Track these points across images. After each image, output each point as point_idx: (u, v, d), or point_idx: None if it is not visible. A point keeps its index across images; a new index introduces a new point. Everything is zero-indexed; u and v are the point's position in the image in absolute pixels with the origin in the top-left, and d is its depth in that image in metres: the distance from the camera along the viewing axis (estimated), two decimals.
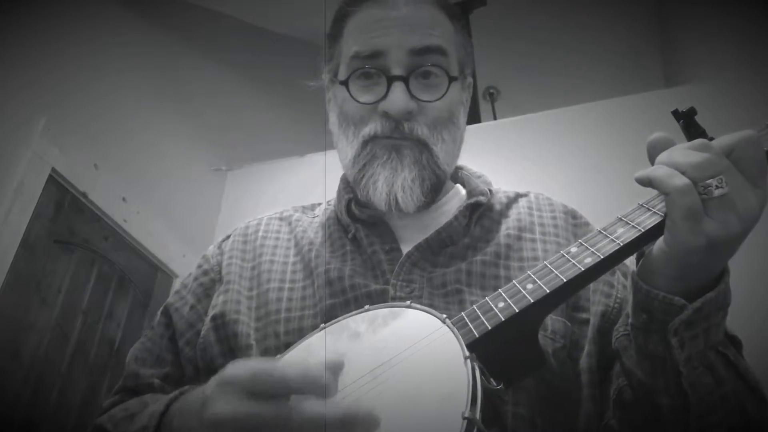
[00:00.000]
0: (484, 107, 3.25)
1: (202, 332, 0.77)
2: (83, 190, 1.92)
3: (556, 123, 2.29)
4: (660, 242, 0.53)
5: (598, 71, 3.19)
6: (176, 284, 2.30)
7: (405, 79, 0.75)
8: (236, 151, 2.80)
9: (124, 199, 2.10)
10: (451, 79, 0.77)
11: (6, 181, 1.68)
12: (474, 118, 2.79)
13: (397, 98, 0.74)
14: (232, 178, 2.72)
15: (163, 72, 2.48)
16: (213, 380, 0.51)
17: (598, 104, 2.28)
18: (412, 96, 0.75)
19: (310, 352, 0.62)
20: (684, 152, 0.53)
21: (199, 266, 0.87)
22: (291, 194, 2.38)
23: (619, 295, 0.73)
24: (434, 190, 0.78)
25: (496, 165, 2.23)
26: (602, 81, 3.07)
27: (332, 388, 0.47)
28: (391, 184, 0.75)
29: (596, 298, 0.73)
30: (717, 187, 0.50)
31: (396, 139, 0.75)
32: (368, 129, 0.76)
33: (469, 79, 0.87)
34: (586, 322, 0.72)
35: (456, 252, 0.77)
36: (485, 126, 2.64)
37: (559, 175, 2.11)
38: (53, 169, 1.81)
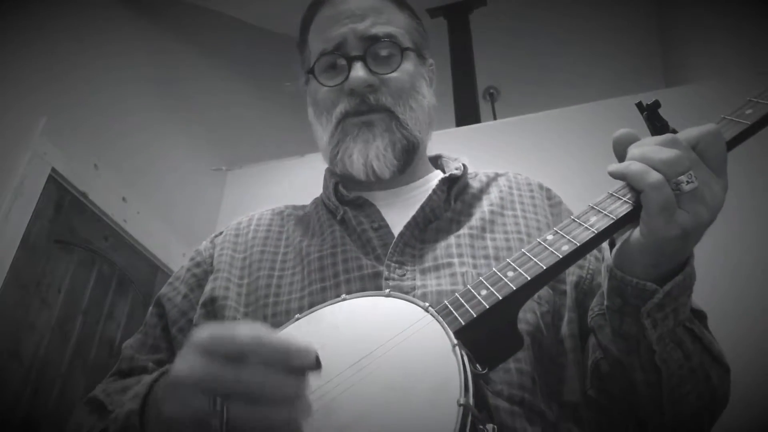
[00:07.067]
0: (484, 107, 3.25)
1: (194, 320, 0.80)
2: (83, 190, 1.92)
3: (556, 123, 2.28)
4: (636, 233, 0.57)
5: (598, 71, 3.19)
6: None
7: (362, 58, 0.83)
8: (236, 151, 2.80)
9: (124, 199, 2.10)
10: (404, 50, 0.86)
11: (6, 181, 1.68)
12: (474, 118, 2.79)
13: (357, 73, 0.82)
14: (232, 178, 2.71)
15: (163, 72, 2.48)
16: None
17: (598, 104, 2.28)
18: (372, 72, 0.83)
19: None
20: (655, 149, 0.56)
21: (192, 259, 0.90)
22: (291, 194, 2.38)
23: (591, 267, 0.78)
24: (406, 152, 0.85)
25: (496, 165, 2.23)
26: (602, 81, 3.07)
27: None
28: (366, 155, 0.82)
29: (570, 269, 0.77)
30: (687, 183, 0.54)
31: (365, 114, 0.83)
32: (339, 109, 0.84)
33: (430, 60, 0.94)
34: (565, 293, 0.76)
35: (441, 226, 0.80)
36: (485, 126, 2.63)
37: (558, 175, 2.10)
38: (53, 169, 1.81)
